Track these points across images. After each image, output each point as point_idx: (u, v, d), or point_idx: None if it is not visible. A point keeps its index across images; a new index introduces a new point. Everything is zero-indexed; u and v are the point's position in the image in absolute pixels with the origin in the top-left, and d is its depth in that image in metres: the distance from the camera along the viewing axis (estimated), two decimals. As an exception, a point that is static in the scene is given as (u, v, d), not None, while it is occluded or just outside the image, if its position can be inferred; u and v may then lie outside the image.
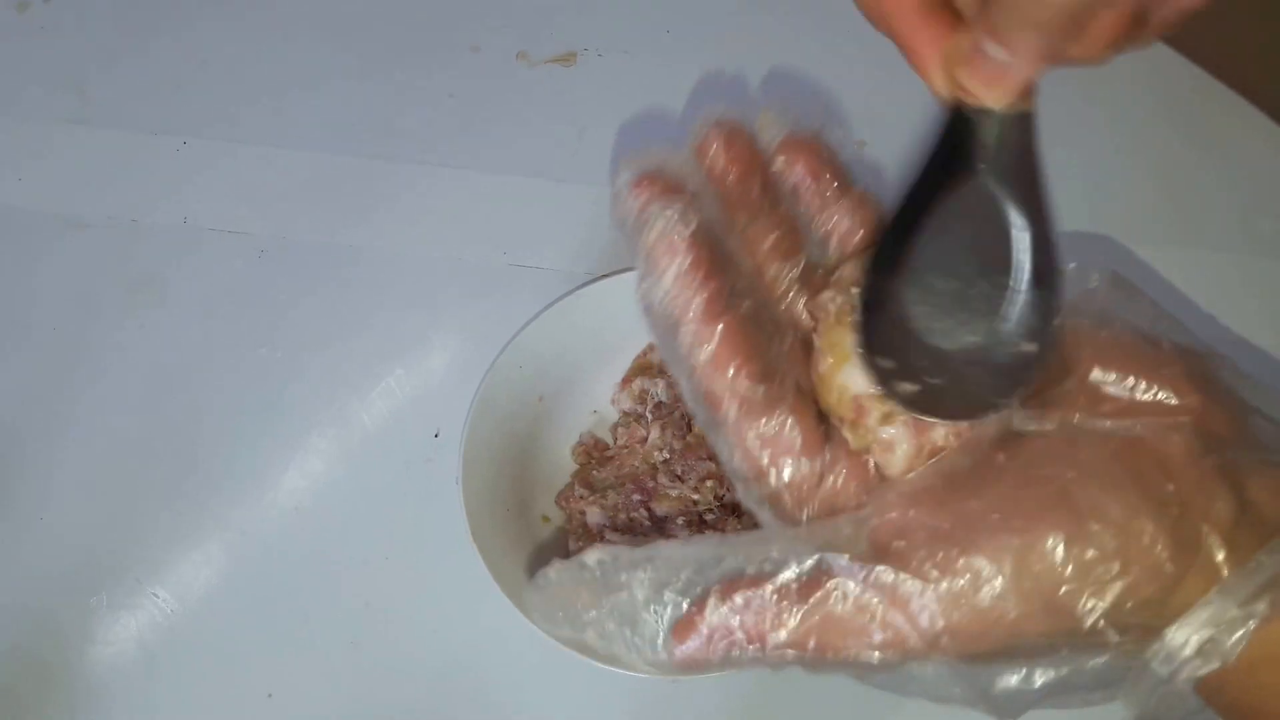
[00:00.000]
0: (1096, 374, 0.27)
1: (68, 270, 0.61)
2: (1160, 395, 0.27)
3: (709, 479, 0.52)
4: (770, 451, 0.28)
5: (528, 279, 0.60)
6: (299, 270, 0.61)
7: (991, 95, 0.25)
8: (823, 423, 0.29)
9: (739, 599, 0.26)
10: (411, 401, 0.57)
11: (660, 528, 0.51)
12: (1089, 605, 0.24)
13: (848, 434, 0.28)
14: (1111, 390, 0.27)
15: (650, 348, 0.56)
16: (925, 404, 0.27)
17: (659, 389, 0.54)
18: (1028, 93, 0.25)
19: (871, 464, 0.28)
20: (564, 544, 0.52)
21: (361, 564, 0.54)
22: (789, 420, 0.28)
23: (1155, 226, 0.60)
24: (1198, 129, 0.63)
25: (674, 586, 0.26)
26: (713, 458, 0.53)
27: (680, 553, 0.27)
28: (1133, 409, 0.27)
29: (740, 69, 0.64)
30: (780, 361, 0.28)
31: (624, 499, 0.52)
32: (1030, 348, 0.27)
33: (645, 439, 0.53)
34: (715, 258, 0.27)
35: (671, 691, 0.50)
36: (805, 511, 0.28)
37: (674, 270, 0.27)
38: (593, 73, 0.66)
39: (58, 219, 0.62)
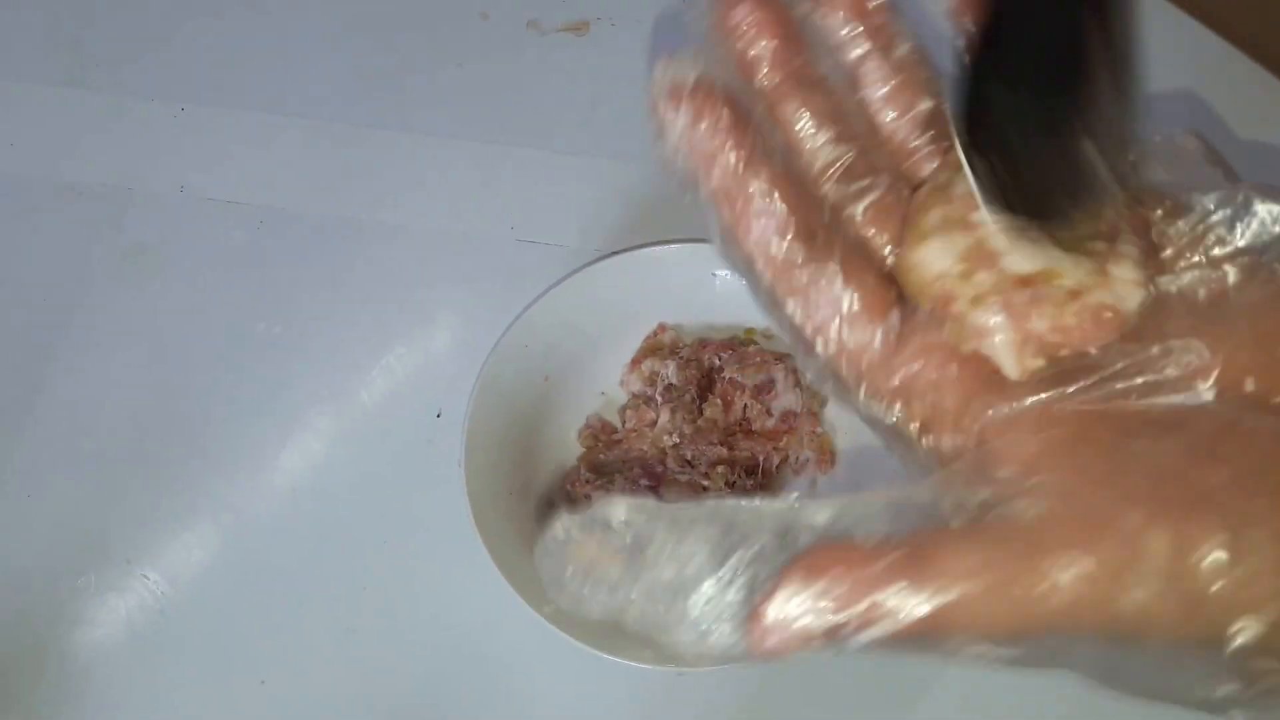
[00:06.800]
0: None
1: (59, 238, 0.60)
2: None
3: (719, 464, 0.51)
4: (813, 318, 0.24)
5: (535, 255, 0.59)
6: (299, 243, 0.60)
7: None
8: (891, 290, 0.25)
9: (837, 574, 0.20)
10: (413, 380, 0.56)
11: (669, 515, 0.50)
12: (1240, 623, 0.21)
13: (948, 330, 0.25)
14: None
15: (660, 328, 0.55)
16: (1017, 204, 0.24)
17: (669, 371, 0.53)
18: None
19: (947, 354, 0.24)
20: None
21: (359, 548, 0.53)
22: (833, 276, 0.24)
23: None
24: None
25: (742, 556, 0.21)
26: (724, 443, 0.52)
27: (747, 514, 0.21)
28: None
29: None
30: (832, 219, 0.25)
31: (631, 484, 0.51)
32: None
33: (654, 422, 0.53)
34: (736, 111, 0.24)
35: (675, 682, 0.50)
36: (863, 391, 0.24)
37: (682, 122, 0.24)
38: (606, 42, 0.65)
39: (50, 185, 0.61)
